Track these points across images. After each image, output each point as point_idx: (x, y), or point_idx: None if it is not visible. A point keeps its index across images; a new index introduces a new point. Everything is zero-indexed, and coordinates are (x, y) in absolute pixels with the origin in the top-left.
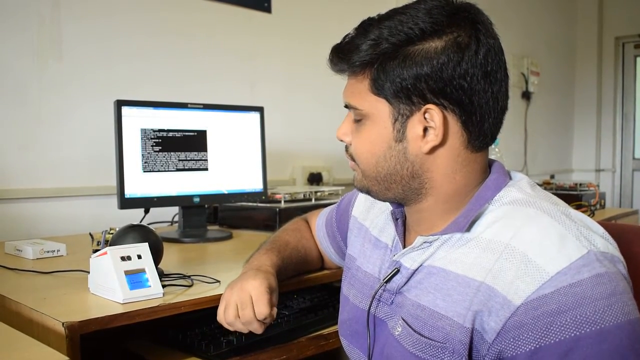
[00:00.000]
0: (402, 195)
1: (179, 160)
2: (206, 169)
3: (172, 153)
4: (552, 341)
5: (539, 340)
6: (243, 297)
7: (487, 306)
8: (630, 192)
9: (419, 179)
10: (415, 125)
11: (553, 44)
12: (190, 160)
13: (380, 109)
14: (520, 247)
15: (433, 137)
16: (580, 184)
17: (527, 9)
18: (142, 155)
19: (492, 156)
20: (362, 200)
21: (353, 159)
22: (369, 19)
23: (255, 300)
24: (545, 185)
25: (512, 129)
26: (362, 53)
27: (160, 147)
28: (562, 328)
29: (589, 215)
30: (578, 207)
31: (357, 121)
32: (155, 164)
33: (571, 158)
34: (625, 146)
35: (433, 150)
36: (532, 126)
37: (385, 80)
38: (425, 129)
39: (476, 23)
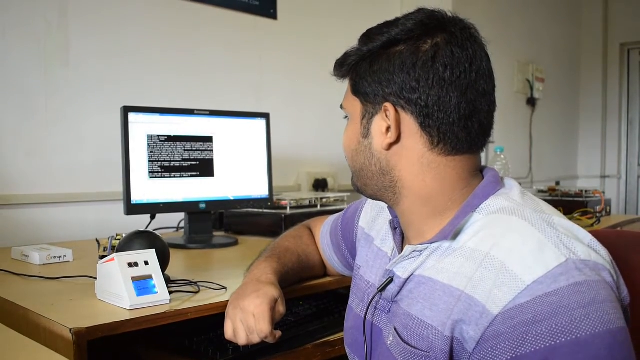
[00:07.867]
0: (380, 193)
1: (185, 150)
2: (212, 175)
3: (177, 143)
4: (528, 351)
5: (515, 349)
6: (247, 320)
7: (467, 315)
8: (635, 199)
9: (388, 175)
10: (378, 123)
11: (558, 50)
12: (196, 150)
13: (355, 108)
14: (499, 256)
15: (390, 134)
16: (586, 191)
17: (533, 16)
18: (148, 144)
19: (497, 163)
20: (368, 211)
21: None
22: (368, 29)
23: (257, 319)
24: (551, 192)
25: (517, 135)
26: (349, 59)
27: (166, 138)
28: (538, 338)
29: (594, 223)
30: (584, 214)
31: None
32: (161, 153)
33: (576, 164)
34: (631, 152)
35: (391, 146)
36: (537, 132)
37: (358, 80)
38: (388, 128)
39: (448, 34)
